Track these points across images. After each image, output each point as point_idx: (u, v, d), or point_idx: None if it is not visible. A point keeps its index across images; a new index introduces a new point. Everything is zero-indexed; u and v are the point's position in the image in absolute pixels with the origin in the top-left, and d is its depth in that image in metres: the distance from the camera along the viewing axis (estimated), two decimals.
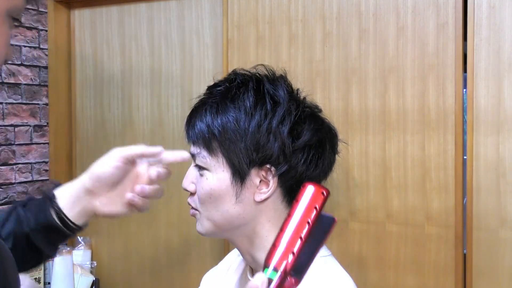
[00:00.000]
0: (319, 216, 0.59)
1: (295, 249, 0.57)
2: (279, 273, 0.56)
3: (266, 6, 1.43)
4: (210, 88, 0.90)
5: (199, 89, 1.51)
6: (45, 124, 1.77)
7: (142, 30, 1.64)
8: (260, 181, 0.84)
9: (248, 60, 1.43)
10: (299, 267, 0.57)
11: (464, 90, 1.24)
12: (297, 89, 0.90)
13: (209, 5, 1.54)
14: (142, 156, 0.80)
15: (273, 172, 0.84)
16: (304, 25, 1.38)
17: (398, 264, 1.29)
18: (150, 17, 1.63)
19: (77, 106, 1.77)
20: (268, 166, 0.84)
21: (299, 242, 0.58)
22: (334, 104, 1.35)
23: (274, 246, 0.58)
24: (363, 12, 1.32)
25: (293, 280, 0.56)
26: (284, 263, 0.56)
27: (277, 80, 0.88)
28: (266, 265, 0.56)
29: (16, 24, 0.62)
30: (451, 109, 1.24)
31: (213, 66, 1.53)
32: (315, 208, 0.60)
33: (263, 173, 0.84)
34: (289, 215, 0.60)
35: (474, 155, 1.21)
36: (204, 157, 0.85)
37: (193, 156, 0.88)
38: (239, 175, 0.84)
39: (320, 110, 0.92)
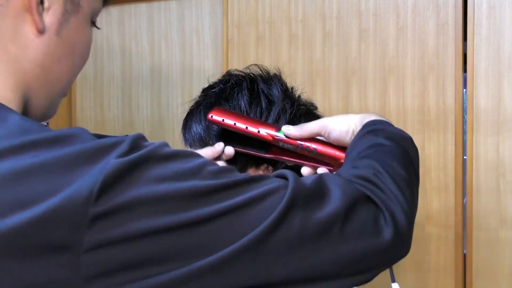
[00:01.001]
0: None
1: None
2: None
3: (266, 6, 1.43)
4: (205, 90, 0.90)
5: (199, 89, 1.51)
6: (45, 124, 1.78)
7: (142, 30, 1.64)
8: None
9: (248, 60, 1.43)
10: None
11: (464, 90, 1.24)
12: (292, 87, 0.90)
13: (209, 5, 1.54)
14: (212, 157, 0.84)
15: (270, 171, 0.84)
16: (304, 25, 1.38)
17: (398, 264, 1.29)
18: (150, 17, 1.63)
19: (77, 106, 1.78)
20: (265, 165, 0.84)
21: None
22: (334, 104, 1.35)
23: (264, 126, 0.78)
24: (363, 12, 1.32)
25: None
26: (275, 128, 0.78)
27: (271, 79, 0.88)
28: (277, 131, 0.76)
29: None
30: (451, 109, 1.24)
31: (213, 66, 1.53)
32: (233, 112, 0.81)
33: (261, 172, 0.84)
34: (238, 128, 0.78)
35: (474, 155, 1.21)
36: None
37: None
38: None
39: (316, 107, 0.92)
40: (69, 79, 0.64)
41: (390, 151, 0.64)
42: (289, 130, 0.76)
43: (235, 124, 0.78)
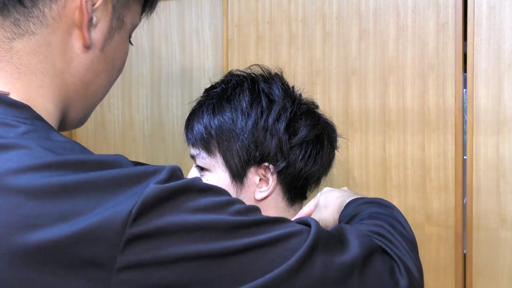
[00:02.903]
0: None
1: None
2: None
3: (266, 6, 1.43)
4: (207, 91, 0.91)
5: (199, 89, 1.51)
6: None
7: (142, 30, 1.64)
8: (260, 179, 0.85)
9: (248, 60, 1.43)
10: None
11: (464, 90, 1.24)
12: (293, 86, 0.90)
13: (209, 5, 1.54)
14: None
15: (271, 170, 0.84)
16: (304, 25, 1.38)
17: None
18: (150, 17, 1.63)
19: None
20: (266, 164, 0.84)
21: None
22: (334, 104, 1.35)
23: None
24: (363, 12, 1.32)
25: None
26: None
27: (272, 79, 0.88)
28: None
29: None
30: (451, 109, 1.24)
31: (213, 66, 1.53)
32: None
33: (262, 171, 0.85)
34: None
35: (474, 155, 1.21)
36: (203, 158, 0.86)
37: (193, 157, 0.88)
38: (238, 174, 0.84)
39: (317, 106, 0.92)
40: (105, 92, 0.67)
41: (391, 216, 0.69)
42: None
43: None
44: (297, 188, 0.86)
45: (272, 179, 0.84)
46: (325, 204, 0.81)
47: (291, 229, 0.54)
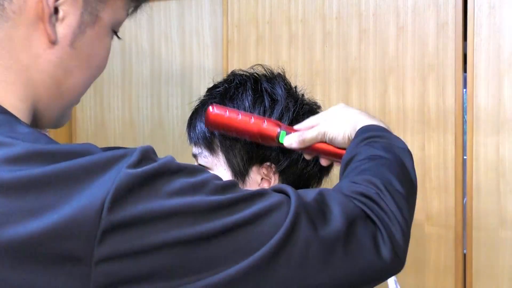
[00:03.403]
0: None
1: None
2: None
3: (266, 6, 1.43)
4: (209, 90, 0.91)
5: (199, 89, 1.51)
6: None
7: (142, 30, 1.64)
8: (262, 179, 0.85)
9: (248, 60, 1.43)
10: None
11: (464, 90, 1.24)
12: (295, 87, 0.90)
13: (209, 5, 1.54)
14: None
15: (273, 169, 0.84)
16: (304, 25, 1.38)
17: None
18: (150, 17, 1.63)
19: (77, 106, 1.77)
20: (268, 163, 0.84)
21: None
22: (334, 104, 1.34)
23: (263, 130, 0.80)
24: (363, 12, 1.32)
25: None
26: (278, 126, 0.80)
27: (275, 79, 0.88)
28: (278, 135, 0.79)
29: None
30: (451, 109, 1.24)
31: (213, 66, 1.53)
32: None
33: (264, 170, 0.84)
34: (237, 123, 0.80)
35: (474, 155, 1.21)
36: (205, 156, 0.86)
37: (195, 156, 0.88)
38: (240, 174, 0.84)
39: (319, 107, 0.92)
40: (82, 90, 0.64)
41: (388, 165, 0.65)
42: (291, 144, 0.78)
43: (239, 115, 0.80)
44: (298, 188, 0.86)
45: (274, 179, 0.84)
46: (341, 116, 0.78)
47: (269, 203, 0.53)
